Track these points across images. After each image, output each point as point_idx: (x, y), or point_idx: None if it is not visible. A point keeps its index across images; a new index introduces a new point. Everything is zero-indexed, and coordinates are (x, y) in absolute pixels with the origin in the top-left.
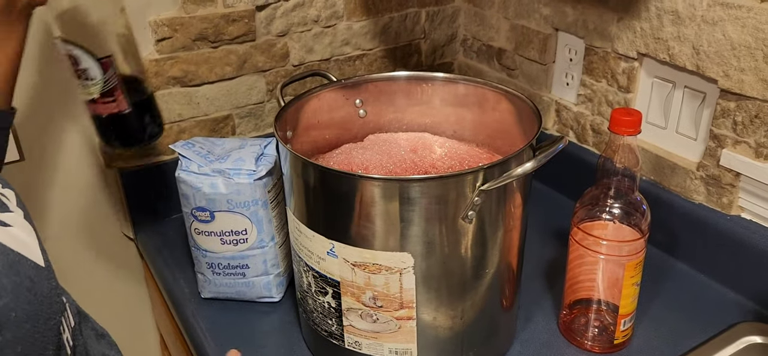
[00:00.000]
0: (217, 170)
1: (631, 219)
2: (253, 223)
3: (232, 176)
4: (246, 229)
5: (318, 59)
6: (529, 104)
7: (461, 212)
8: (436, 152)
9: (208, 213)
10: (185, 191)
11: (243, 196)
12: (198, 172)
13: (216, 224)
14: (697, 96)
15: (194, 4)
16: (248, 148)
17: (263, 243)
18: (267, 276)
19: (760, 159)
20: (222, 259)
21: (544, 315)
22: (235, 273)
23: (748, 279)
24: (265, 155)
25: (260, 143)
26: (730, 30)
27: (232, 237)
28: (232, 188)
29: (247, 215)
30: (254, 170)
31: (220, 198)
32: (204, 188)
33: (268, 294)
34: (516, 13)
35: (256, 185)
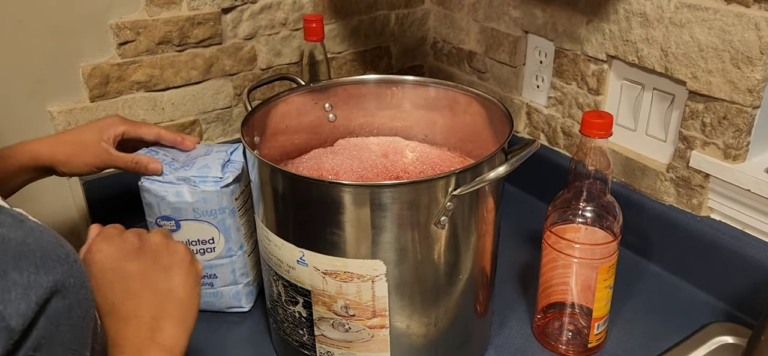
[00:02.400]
0: (182, 178)
1: (603, 222)
2: (220, 232)
3: (197, 184)
4: (213, 238)
5: (286, 62)
6: (500, 107)
7: (433, 218)
8: (407, 156)
9: (174, 222)
10: (149, 200)
11: (209, 204)
12: (162, 180)
13: (182, 233)
14: (666, 98)
15: (158, 7)
16: (214, 154)
17: (231, 252)
18: (236, 285)
19: (728, 160)
20: None
21: (518, 320)
22: (203, 284)
23: (718, 280)
24: (231, 161)
25: (226, 149)
26: (697, 32)
27: (199, 247)
28: (197, 196)
29: (214, 223)
30: (220, 177)
31: (185, 207)
32: (169, 196)
33: (237, 303)
34: (485, 16)
35: (223, 193)
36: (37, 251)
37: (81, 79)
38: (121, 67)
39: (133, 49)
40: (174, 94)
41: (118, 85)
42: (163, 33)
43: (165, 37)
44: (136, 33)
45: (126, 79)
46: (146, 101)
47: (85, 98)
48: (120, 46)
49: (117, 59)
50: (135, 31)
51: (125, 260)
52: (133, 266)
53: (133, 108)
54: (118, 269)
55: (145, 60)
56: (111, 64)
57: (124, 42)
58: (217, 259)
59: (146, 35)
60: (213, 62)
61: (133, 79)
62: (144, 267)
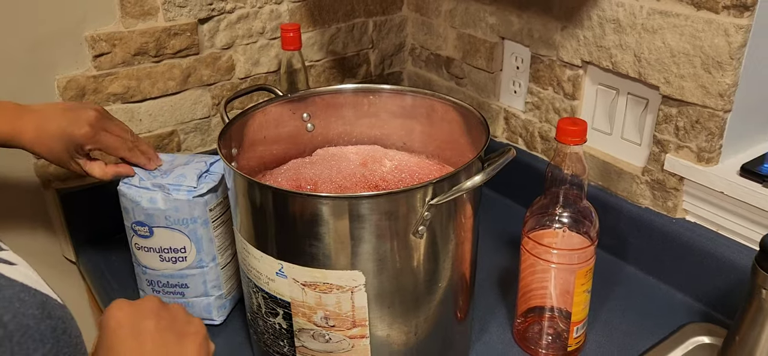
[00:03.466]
0: (157, 185)
1: (580, 227)
2: (191, 241)
3: (170, 192)
4: (185, 247)
5: (265, 71)
6: (476, 114)
7: (412, 228)
8: (385, 165)
9: (147, 228)
10: (125, 204)
11: (181, 213)
12: (139, 185)
13: (155, 240)
14: (640, 102)
15: (133, 18)
16: (194, 164)
17: (203, 263)
18: (207, 297)
19: (701, 163)
20: (161, 276)
21: (499, 325)
22: (174, 292)
23: (694, 281)
24: (210, 172)
25: (207, 160)
26: (669, 38)
27: (171, 255)
28: (170, 204)
29: (185, 232)
30: (194, 187)
31: (158, 214)
32: (142, 202)
33: (207, 315)
34: (462, 22)
35: (195, 203)
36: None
37: (56, 92)
38: (97, 79)
39: (108, 61)
40: (151, 105)
41: (95, 97)
42: (140, 44)
43: (141, 48)
44: (112, 45)
45: (102, 91)
46: (123, 112)
47: None
48: (95, 58)
49: (93, 71)
50: (111, 43)
51: (142, 318)
52: (149, 324)
53: None
54: (135, 326)
55: (121, 72)
56: (86, 76)
57: (99, 54)
58: (188, 269)
59: (122, 47)
60: (190, 73)
61: (110, 91)
62: (159, 327)
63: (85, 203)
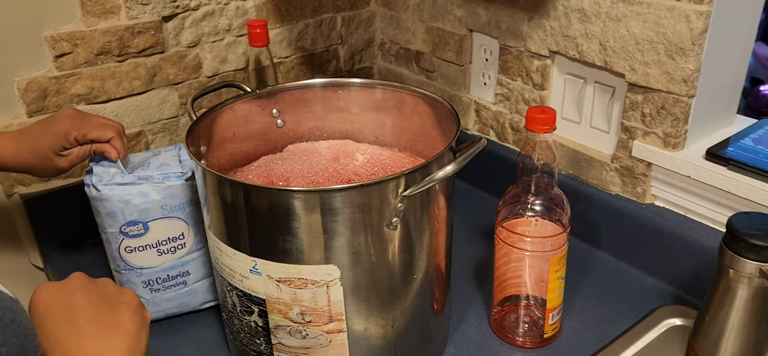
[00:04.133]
0: (143, 178)
1: (552, 215)
2: (189, 225)
3: (162, 181)
4: (183, 233)
5: (233, 69)
6: (447, 106)
7: (385, 220)
8: (358, 159)
9: (141, 225)
10: (111, 208)
11: (177, 199)
12: (123, 182)
13: (151, 235)
14: (607, 90)
15: (95, 17)
16: (164, 154)
17: (202, 244)
18: (209, 278)
19: (668, 148)
20: (161, 272)
21: (476, 315)
22: (176, 284)
23: (664, 264)
24: (183, 160)
25: (174, 149)
26: (633, 26)
27: (170, 245)
28: (164, 192)
29: (182, 218)
30: (182, 171)
31: (153, 206)
32: (133, 199)
33: (212, 297)
34: (430, 16)
35: (189, 186)
36: None
37: (17, 94)
38: (59, 79)
39: (71, 61)
40: (117, 105)
41: (57, 98)
42: (102, 43)
43: (104, 47)
44: (74, 44)
45: (65, 92)
46: None
47: (22, 113)
48: (57, 59)
49: (54, 72)
50: (72, 43)
51: (70, 295)
52: (78, 299)
53: None
54: (63, 303)
55: (84, 72)
56: (48, 77)
57: (61, 54)
58: (189, 254)
59: (84, 46)
60: (156, 72)
61: (73, 92)
62: (90, 301)
63: (51, 208)
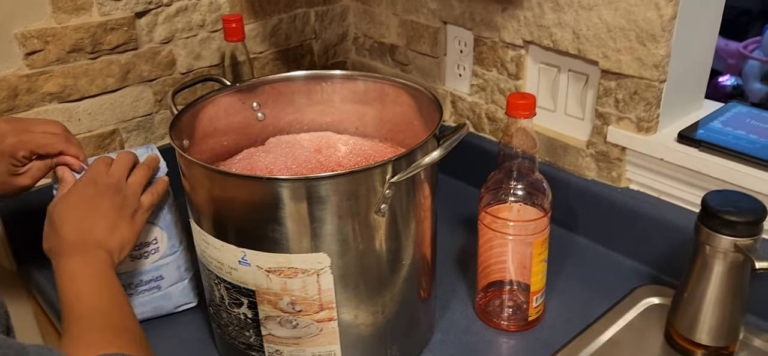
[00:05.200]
0: None
1: (534, 199)
2: (162, 229)
3: None
4: (156, 238)
5: (207, 65)
6: (428, 95)
7: (373, 207)
8: (340, 150)
9: None
10: None
11: None
12: None
13: None
14: (580, 78)
15: (66, 13)
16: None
17: (175, 249)
18: (182, 281)
19: (641, 133)
20: (133, 277)
21: (460, 302)
22: (149, 288)
23: (640, 246)
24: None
25: (141, 151)
26: (604, 14)
27: (143, 250)
28: None
29: (156, 223)
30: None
31: None
32: None
33: (186, 300)
34: (404, 9)
35: None
36: None
37: None
38: (30, 78)
39: (42, 58)
40: (90, 103)
41: (28, 97)
42: (74, 40)
43: (76, 44)
44: (45, 41)
45: (36, 91)
46: (60, 112)
47: None
48: (27, 57)
49: (25, 70)
50: (43, 40)
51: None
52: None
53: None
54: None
55: (56, 70)
56: (18, 75)
57: (31, 52)
58: (163, 258)
59: (56, 44)
60: (130, 69)
61: (45, 91)
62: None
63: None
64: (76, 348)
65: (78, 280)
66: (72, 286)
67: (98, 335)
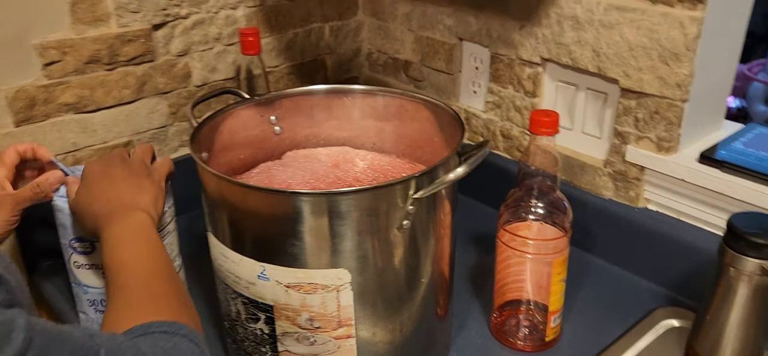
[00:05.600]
0: None
1: (554, 218)
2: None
3: None
4: None
5: (222, 78)
6: (449, 111)
7: (395, 223)
8: (358, 165)
9: (89, 243)
10: (62, 220)
11: None
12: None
13: (97, 255)
14: (599, 96)
15: (85, 25)
16: None
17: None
18: None
19: (661, 152)
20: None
21: (476, 320)
22: None
23: (658, 267)
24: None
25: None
26: (626, 32)
27: None
28: None
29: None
30: None
31: None
32: None
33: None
34: (420, 25)
35: None
36: None
37: (4, 104)
38: (48, 88)
39: (60, 69)
40: (105, 115)
41: (46, 107)
42: (92, 51)
43: (94, 55)
44: (63, 52)
45: (53, 101)
46: (76, 123)
47: (9, 123)
48: (45, 67)
49: (43, 81)
50: (61, 51)
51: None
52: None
53: (62, 131)
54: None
55: (73, 80)
56: (36, 86)
57: (49, 62)
58: None
59: (74, 55)
60: (146, 81)
61: (62, 101)
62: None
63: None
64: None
65: (121, 246)
66: (114, 253)
67: (142, 304)
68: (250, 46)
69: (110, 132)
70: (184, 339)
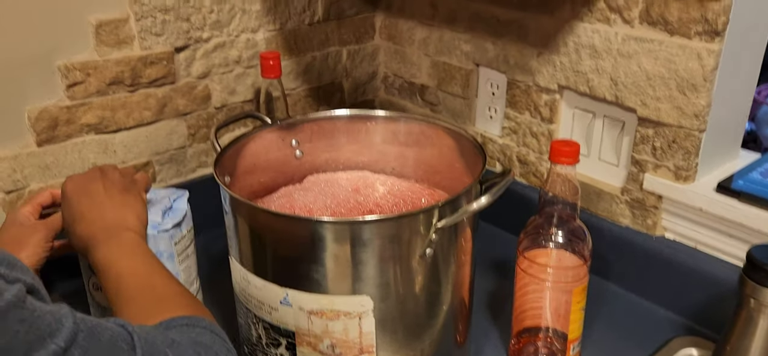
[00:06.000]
0: None
1: (574, 246)
2: (181, 273)
3: None
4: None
5: (241, 100)
6: (470, 138)
7: (418, 251)
8: (378, 190)
9: None
10: None
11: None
12: None
13: None
14: (616, 124)
15: (108, 47)
16: (157, 204)
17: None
18: None
19: (679, 181)
20: None
21: (493, 347)
22: None
23: (676, 296)
24: (173, 209)
25: (170, 196)
26: (644, 62)
27: None
28: None
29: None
30: (159, 222)
31: None
32: None
33: None
34: (436, 51)
35: (161, 237)
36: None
37: (27, 124)
38: (71, 109)
39: (82, 90)
40: (126, 136)
41: (67, 128)
42: (115, 73)
43: (116, 77)
44: (86, 74)
45: (75, 121)
46: (97, 143)
47: (31, 142)
48: (69, 88)
49: (66, 102)
50: (85, 72)
51: (90, 182)
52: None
53: (83, 152)
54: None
55: (95, 101)
56: (59, 106)
57: (73, 83)
58: None
59: (97, 76)
60: (166, 102)
61: (83, 122)
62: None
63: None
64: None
65: (114, 265)
66: (110, 273)
67: (149, 311)
68: (270, 70)
69: (130, 153)
70: (205, 331)
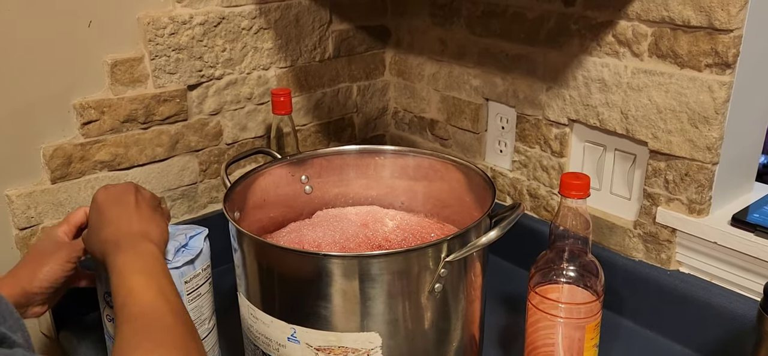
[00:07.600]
0: None
1: (586, 281)
2: (199, 308)
3: None
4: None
5: (252, 136)
6: (479, 172)
7: (427, 286)
8: (387, 225)
9: None
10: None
11: None
12: None
13: None
14: (628, 158)
15: (123, 85)
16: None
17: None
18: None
19: (693, 215)
20: None
21: None
22: None
23: (691, 331)
24: (188, 247)
25: (187, 233)
26: (655, 95)
27: None
28: None
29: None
30: (169, 260)
31: None
32: None
33: None
34: (446, 85)
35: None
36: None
37: (42, 161)
38: (85, 147)
39: (97, 128)
40: (138, 172)
41: (81, 165)
42: (129, 111)
43: (130, 115)
44: (101, 112)
45: (89, 159)
46: (110, 180)
47: (45, 179)
48: (83, 126)
49: (80, 139)
50: (99, 110)
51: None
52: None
53: (96, 188)
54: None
55: (109, 139)
56: (74, 144)
57: (87, 122)
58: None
59: (111, 114)
60: (178, 139)
61: (97, 159)
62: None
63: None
64: (129, 350)
65: (130, 275)
66: (124, 281)
67: (151, 334)
68: (281, 106)
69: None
70: None
